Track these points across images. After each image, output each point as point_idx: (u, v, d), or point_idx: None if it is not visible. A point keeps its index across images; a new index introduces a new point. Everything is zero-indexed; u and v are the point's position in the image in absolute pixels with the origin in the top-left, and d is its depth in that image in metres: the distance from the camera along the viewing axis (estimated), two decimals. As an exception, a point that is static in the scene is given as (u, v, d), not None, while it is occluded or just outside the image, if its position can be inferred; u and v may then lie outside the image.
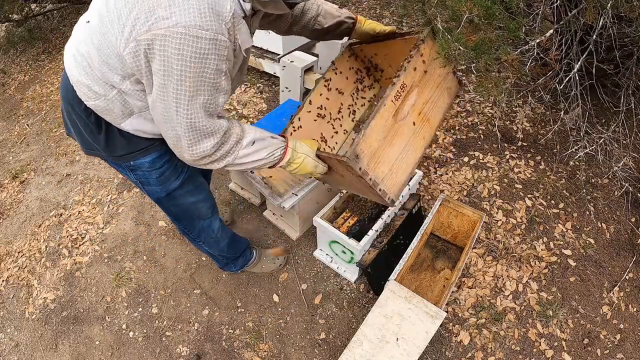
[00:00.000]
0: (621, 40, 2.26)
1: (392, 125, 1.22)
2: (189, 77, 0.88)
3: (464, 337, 1.73)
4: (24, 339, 1.90)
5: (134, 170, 1.23)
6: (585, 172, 2.46)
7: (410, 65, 1.23)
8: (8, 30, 4.35)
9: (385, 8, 4.83)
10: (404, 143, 1.28)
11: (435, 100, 1.37)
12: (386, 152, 1.22)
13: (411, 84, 1.25)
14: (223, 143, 1.02)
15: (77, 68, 1.05)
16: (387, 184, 1.24)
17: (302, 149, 1.20)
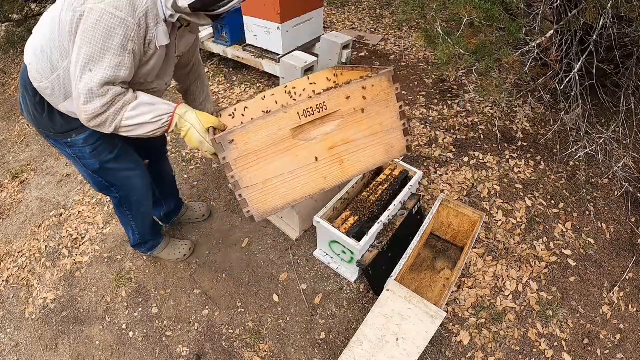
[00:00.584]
0: (621, 40, 2.27)
1: (287, 139, 1.07)
2: (98, 43, 1.08)
3: (464, 337, 1.73)
4: (24, 339, 1.90)
5: (71, 146, 1.40)
6: (585, 172, 2.46)
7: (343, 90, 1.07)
8: (8, 30, 4.35)
9: (385, 8, 4.83)
10: (293, 167, 1.13)
11: (362, 147, 1.17)
12: (266, 162, 1.07)
13: (335, 111, 1.09)
14: (112, 104, 1.15)
15: (31, 52, 1.25)
16: (253, 196, 1.11)
17: (190, 119, 1.22)
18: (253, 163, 1.05)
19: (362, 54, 3.81)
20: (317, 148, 1.10)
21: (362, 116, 1.13)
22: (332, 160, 1.13)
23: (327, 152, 1.11)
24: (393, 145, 1.22)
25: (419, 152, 2.65)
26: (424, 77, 3.44)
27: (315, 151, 1.10)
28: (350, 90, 1.07)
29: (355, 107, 1.10)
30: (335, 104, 1.08)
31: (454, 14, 1.50)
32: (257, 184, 1.07)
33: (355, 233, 1.77)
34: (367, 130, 1.16)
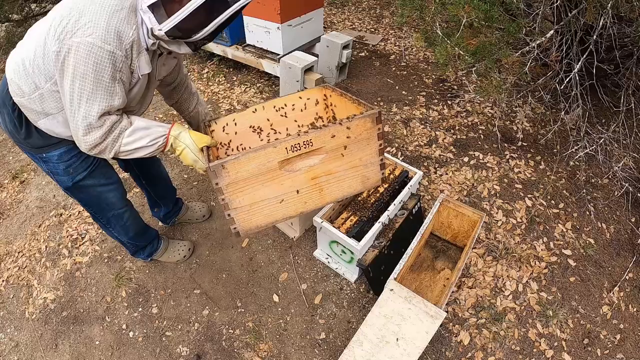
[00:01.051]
0: (621, 40, 2.27)
1: (275, 170, 1.17)
2: (90, 77, 1.11)
3: (464, 337, 1.73)
4: (24, 339, 1.90)
5: (45, 162, 1.42)
6: (585, 172, 2.46)
7: (329, 129, 1.16)
8: (8, 30, 4.34)
9: (385, 8, 4.83)
10: (278, 193, 1.22)
11: (341, 178, 1.28)
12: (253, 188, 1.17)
13: (320, 147, 1.18)
14: (110, 133, 1.21)
15: (13, 67, 1.26)
16: (240, 216, 1.22)
17: (185, 140, 1.30)
18: (242, 189, 1.16)
19: (362, 54, 3.81)
20: (300, 178, 1.21)
21: (344, 152, 1.23)
22: (313, 188, 1.24)
23: (309, 181, 1.22)
24: (369, 177, 1.33)
25: (419, 152, 2.65)
26: (424, 77, 3.44)
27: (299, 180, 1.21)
28: (335, 130, 1.17)
29: (339, 144, 1.20)
30: (320, 141, 1.18)
31: (453, 15, 1.50)
32: (244, 206, 1.19)
33: (355, 233, 1.77)
34: (347, 165, 1.26)
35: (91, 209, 1.65)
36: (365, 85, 3.36)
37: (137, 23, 1.16)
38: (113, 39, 1.10)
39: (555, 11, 2.27)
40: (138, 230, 1.84)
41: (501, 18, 1.60)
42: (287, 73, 2.89)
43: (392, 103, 3.11)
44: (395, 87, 3.32)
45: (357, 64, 3.64)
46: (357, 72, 3.53)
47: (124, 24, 1.12)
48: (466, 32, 1.53)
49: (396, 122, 2.90)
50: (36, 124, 1.32)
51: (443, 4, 1.76)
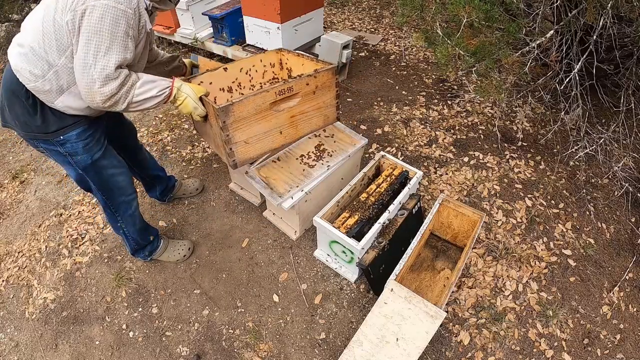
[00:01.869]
0: (621, 40, 2.27)
1: (266, 109, 1.51)
2: (106, 33, 1.24)
3: (464, 337, 1.73)
4: (24, 339, 1.90)
5: (63, 144, 1.48)
6: (585, 172, 2.47)
7: (304, 79, 1.55)
8: (8, 30, 4.35)
9: (385, 8, 4.83)
10: (267, 129, 1.57)
11: (310, 117, 1.70)
12: (250, 125, 1.49)
13: (297, 92, 1.56)
14: (124, 84, 1.33)
15: (19, 58, 1.33)
16: (238, 149, 1.52)
17: (186, 90, 1.50)
18: (241, 127, 1.48)
19: (362, 54, 3.81)
20: (283, 116, 1.58)
21: (313, 96, 1.64)
22: (290, 125, 1.64)
23: (288, 119, 1.62)
24: (329, 116, 1.77)
25: (419, 152, 2.65)
26: (424, 77, 3.45)
27: (282, 118, 1.58)
28: (308, 79, 1.57)
29: (310, 90, 1.60)
30: (298, 87, 1.56)
31: (454, 15, 1.50)
32: (241, 141, 1.51)
33: (355, 233, 1.77)
34: (315, 106, 1.68)
35: (104, 194, 1.69)
36: (365, 85, 3.36)
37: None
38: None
39: (555, 11, 2.27)
40: (142, 224, 1.91)
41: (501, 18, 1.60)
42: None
43: (392, 103, 3.11)
44: (395, 87, 3.32)
45: (357, 64, 3.64)
46: (357, 72, 3.53)
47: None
48: (466, 32, 1.53)
49: (396, 122, 2.90)
50: (53, 104, 1.39)
51: (443, 4, 1.76)
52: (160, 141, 2.87)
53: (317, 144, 2.12)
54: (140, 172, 2.12)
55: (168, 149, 2.79)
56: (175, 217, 2.31)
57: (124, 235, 1.89)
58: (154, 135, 2.93)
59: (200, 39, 3.53)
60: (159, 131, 2.95)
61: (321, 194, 2.06)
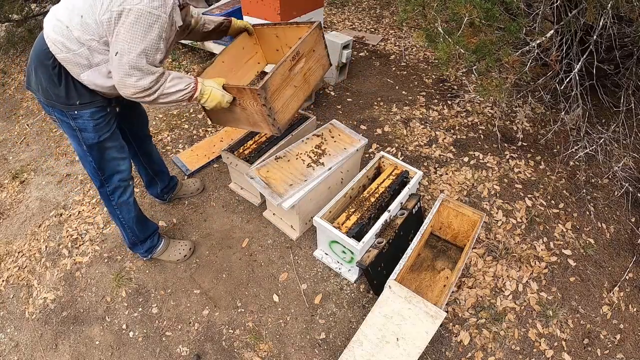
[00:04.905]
0: (621, 40, 2.27)
1: (288, 76, 1.69)
2: (140, 36, 1.34)
3: (464, 337, 1.73)
4: (24, 339, 1.90)
5: (76, 119, 1.55)
6: (585, 172, 2.46)
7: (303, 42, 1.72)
8: (8, 30, 4.35)
9: (385, 8, 4.83)
10: (292, 91, 1.76)
11: (314, 70, 1.88)
12: (281, 93, 1.68)
13: (302, 54, 1.75)
14: (158, 81, 1.44)
15: (54, 30, 1.39)
16: (278, 117, 1.70)
17: (208, 83, 1.60)
18: (277, 95, 1.66)
19: (362, 54, 3.81)
20: (298, 76, 1.78)
21: (312, 53, 1.83)
22: (304, 81, 1.83)
23: (302, 77, 1.81)
24: (324, 64, 1.96)
25: (419, 152, 2.65)
26: (424, 77, 3.44)
27: (298, 78, 1.78)
28: (308, 39, 1.76)
29: (309, 48, 1.79)
30: (302, 49, 1.74)
31: (455, 14, 1.50)
32: (279, 108, 1.70)
33: (355, 233, 1.77)
34: (315, 59, 1.87)
35: (102, 174, 1.73)
36: (365, 85, 3.36)
37: None
38: (160, 4, 1.33)
39: (555, 11, 2.27)
40: (139, 214, 1.93)
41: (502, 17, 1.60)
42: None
43: (392, 103, 3.10)
44: (395, 87, 3.32)
45: (357, 64, 3.64)
46: (357, 72, 3.53)
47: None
48: (467, 31, 1.53)
49: (396, 122, 2.90)
50: (79, 77, 1.45)
51: (444, 2, 1.76)
52: (160, 141, 2.87)
53: (317, 144, 2.12)
54: (146, 164, 2.14)
55: (168, 149, 2.79)
56: (175, 217, 2.31)
57: (120, 225, 1.89)
58: (154, 135, 2.93)
59: (200, 39, 3.52)
60: (159, 131, 2.95)
61: (321, 194, 2.06)
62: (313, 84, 1.91)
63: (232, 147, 2.21)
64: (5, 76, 4.27)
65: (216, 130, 2.94)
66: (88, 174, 1.82)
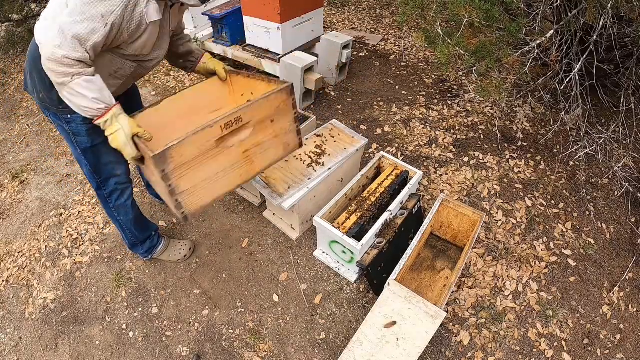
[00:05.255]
0: (621, 40, 2.27)
1: (212, 148, 1.25)
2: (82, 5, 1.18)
3: (464, 337, 1.73)
4: (24, 339, 1.90)
5: (69, 123, 1.50)
6: (585, 172, 2.46)
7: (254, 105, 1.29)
8: (8, 30, 4.35)
9: (385, 8, 4.83)
10: (217, 170, 1.31)
11: (267, 147, 1.42)
12: (195, 169, 1.24)
13: (249, 121, 1.30)
14: (73, 65, 1.23)
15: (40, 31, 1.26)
16: (186, 199, 1.26)
17: (122, 121, 1.35)
18: (185, 172, 1.23)
19: (362, 54, 3.81)
20: (234, 152, 1.32)
21: (268, 124, 1.38)
22: (245, 161, 1.37)
23: (241, 155, 1.34)
24: (289, 143, 1.49)
25: (419, 152, 2.65)
26: (424, 77, 3.44)
27: (233, 155, 1.32)
28: (259, 104, 1.31)
29: (264, 117, 1.34)
30: (249, 116, 1.30)
31: (454, 15, 1.50)
32: (189, 188, 1.26)
33: (355, 233, 1.77)
34: (272, 134, 1.41)
35: (99, 177, 1.69)
36: (365, 85, 3.36)
37: None
38: None
39: (555, 11, 2.27)
40: (138, 216, 1.89)
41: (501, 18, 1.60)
42: (288, 73, 2.89)
43: (392, 103, 3.11)
44: (395, 87, 3.32)
45: (357, 64, 3.64)
46: (357, 72, 3.53)
47: None
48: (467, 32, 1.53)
49: (396, 122, 2.90)
50: None
51: (444, 3, 1.76)
52: (160, 141, 2.87)
53: (317, 144, 2.12)
54: None
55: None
56: (174, 217, 2.31)
57: (119, 227, 1.88)
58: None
59: (200, 39, 3.53)
60: (159, 131, 2.96)
61: (321, 194, 2.06)
62: (260, 167, 1.44)
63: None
64: (5, 76, 4.27)
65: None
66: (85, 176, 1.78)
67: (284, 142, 1.47)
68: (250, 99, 1.32)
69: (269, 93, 1.33)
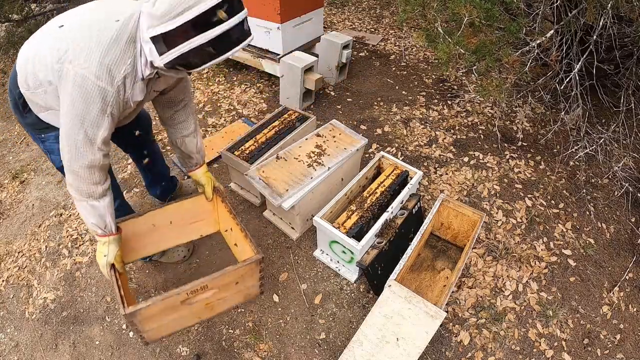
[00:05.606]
0: (621, 40, 2.27)
1: (177, 305, 1.42)
2: (80, 106, 1.17)
3: (464, 337, 1.73)
4: (24, 339, 1.90)
5: (44, 141, 1.52)
6: (585, 172, 2.46)
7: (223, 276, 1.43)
8: (8, 30, 4.34)
9: (385, 8, 4.83)
10: (178, 317, 1.47)
11: (229, 299, 1.57)
12: (159, 318, 1.42)
13: (214, 286, 1.44)
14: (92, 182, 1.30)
15: (22, 60, 1.31)
16: (149, 334, 1.45)
17: (110, 250, 1.44)
18: (151, 321, 1.41)
19: (362, 54, 3.81)
20: (196, 305, 1.47)
21: (232, 285, 1.52)
22: (205, 308, 1.52)
23: (204, 306, 1.50)
24: (250, 293, 1.64)
25: (419, 152, 2.65)
26: (424, 77, 3.44)
27: (196, 307, 1.48)
28: (227, 275, 1.44)
29: (229, 281, 1.48)
30: (214, 283, 1.43)
31: (455, 14, 1.50)
32: (153, 328, 1.44)
33: (355, 233, 1.77)
34: (234, 290, 1.55)
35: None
36: (365, 85, 3.36)
37: (135, 54, 1.18)
38: (105, 75, 1.14)
39: (555, 11, 2.27)
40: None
41: (502, 17, 1.60)
42: (288, 73, 2.89)
43: (392, 103, 3.11)
44: (395, 87, 3.32)
45: (357, 64, 3.64)
46: (357, 72, 3.53)
47: (117, 61, 1.16)
48: (467, 31, 1.53)
49: (396, 122, 2.90)
50: (38, 114, 1.41)
51: (444, 2, 1.76)
52: (160, 141, 2.87)
53: (317, 144, 2.12)
54: (148, 166, 2.10)
55: (168, 149, 2.79)
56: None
57: None
58: (154, 135, 2.93)
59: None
60: (159, 131, 2.95)
61: (321, 194, 2.06)
62: (219, 311, 1.60)
63: (232, 147, 2.21)
64: (5, 76, 4.27)
65: (216, 131, 2.94)
66: None
67: (246, 293, 1.62)
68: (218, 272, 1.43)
69: (238, 266, 1.44)
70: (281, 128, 2.31)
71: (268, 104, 3.16)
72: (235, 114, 3.10)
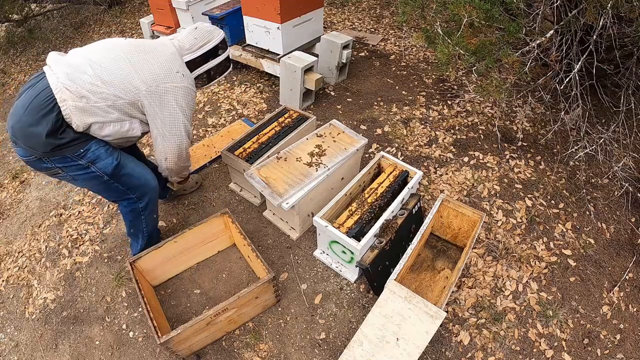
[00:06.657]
0: (621, 40, 2.27)
1: (204, 327, 1.62)
2: (187, 109, 1.68)
3: (464, 337, 1.73)
4: (24, 339, 1.90)
5: (85, 155, 1.54)
6: (585, 172, 2.46)
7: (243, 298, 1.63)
8: (8, 30, 4.35)
9: (385, 8, 4.83)
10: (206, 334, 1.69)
11: (249, 312, 1.78)
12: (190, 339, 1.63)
13: (233, 307, 1.65)
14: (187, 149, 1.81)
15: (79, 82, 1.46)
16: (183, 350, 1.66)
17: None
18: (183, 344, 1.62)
19: (362, 54, 3.81)
20: (222, 322, 1.69)
21: (252, 300, 1.72)
22: (229, 322, 1.74)
23: (227, 322, 1.71)
24: (267, 304, 1.84)
25: (419, 152, 2.65)
26: (424, 77, 3.44)
27: (219, 324, 1.68)
28: (245, 296, 1.64)
29: (248, 300, 1.69)
30: (234, 305, 1.63)
31: (454, 14, 1.50)
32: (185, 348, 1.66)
33: (355, 233, 1.77)
34: (253, 304, 1.76)
35: (134, 192, 1.76)
36: (365, 85, 3.36)
37: None
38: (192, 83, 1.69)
39: (555, 11, 2.27)
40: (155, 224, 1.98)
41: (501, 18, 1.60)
42: (287, 73, 2.89)
43: (392, 103, 3.11)
44: (395, 87, 3.32)
45: (357, 64, 3.64)
46: (357, 72, 3.53)
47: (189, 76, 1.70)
48: (467, 32, 1.53)
49: (396, 122, 2.90)
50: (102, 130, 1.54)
51: (444, 3, 1.76)
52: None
53: (317, 144, 2.12)
54: (147, 162, 2.13)
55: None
56: (175, 217, 2.31)
57: (142, 236, 1.92)
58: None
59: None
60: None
61: (321, 194, 2.06)
62: (239, 323, 1.80)
63: (232, 147, 2.21)
64: (5, 76, 4.27)
65: (216, 131, 2.94)
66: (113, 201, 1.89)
67: (263, 305, 1.82)
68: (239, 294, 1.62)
69: (252, 288, 1.63)
70: (281, 128, 2.32)
71: (268, 104, 3.16)
72: (235, 114, 3.10)
